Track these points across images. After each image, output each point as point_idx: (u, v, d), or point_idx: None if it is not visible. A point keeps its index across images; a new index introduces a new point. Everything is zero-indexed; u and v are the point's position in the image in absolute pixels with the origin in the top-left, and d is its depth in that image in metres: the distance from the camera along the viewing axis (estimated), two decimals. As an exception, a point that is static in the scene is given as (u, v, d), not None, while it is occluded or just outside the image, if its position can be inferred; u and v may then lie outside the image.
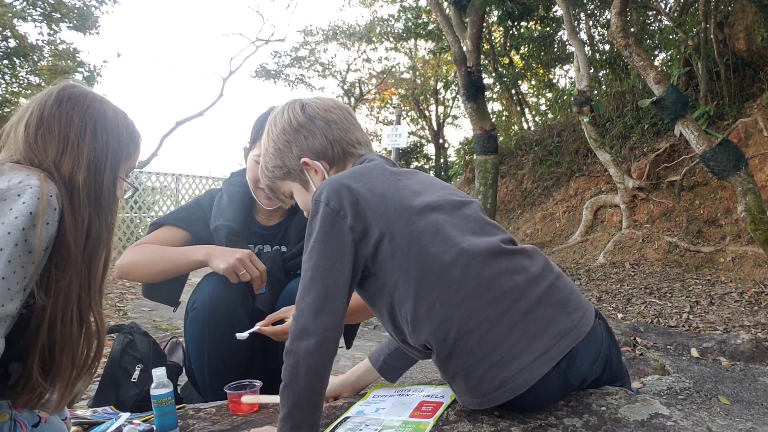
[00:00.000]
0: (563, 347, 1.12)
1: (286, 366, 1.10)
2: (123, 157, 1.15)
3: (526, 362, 1.10)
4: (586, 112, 7.76)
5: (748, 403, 2.16)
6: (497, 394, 1.12)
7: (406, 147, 10.72)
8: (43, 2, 13.23)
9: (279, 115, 1.32)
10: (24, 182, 0.97)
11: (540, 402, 1.20)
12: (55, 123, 1.07)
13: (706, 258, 6.15)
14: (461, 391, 1.19)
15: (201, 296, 1.69)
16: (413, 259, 1.12)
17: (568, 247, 7.89)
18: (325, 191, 1.15)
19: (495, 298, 1.11)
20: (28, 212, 0.95)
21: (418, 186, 1.21)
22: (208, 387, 1.71)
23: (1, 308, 0.92)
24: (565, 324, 1.14)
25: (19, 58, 13.65)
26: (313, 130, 1.28)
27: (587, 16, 10.83)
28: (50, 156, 1.05)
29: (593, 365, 1.20)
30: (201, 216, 1.88)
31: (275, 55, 18.18)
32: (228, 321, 1.64)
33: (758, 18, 6.68)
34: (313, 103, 1.32)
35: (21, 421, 1.06)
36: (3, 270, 0.93)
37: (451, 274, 1.11)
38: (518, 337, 1.10)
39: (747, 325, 3.90)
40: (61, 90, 1.11)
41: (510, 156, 10.97)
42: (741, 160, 4.67)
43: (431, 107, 19.53)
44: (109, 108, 1.14)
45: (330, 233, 1.13)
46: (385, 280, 1.16)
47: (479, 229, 1.19)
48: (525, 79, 14.04)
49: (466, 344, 1.11)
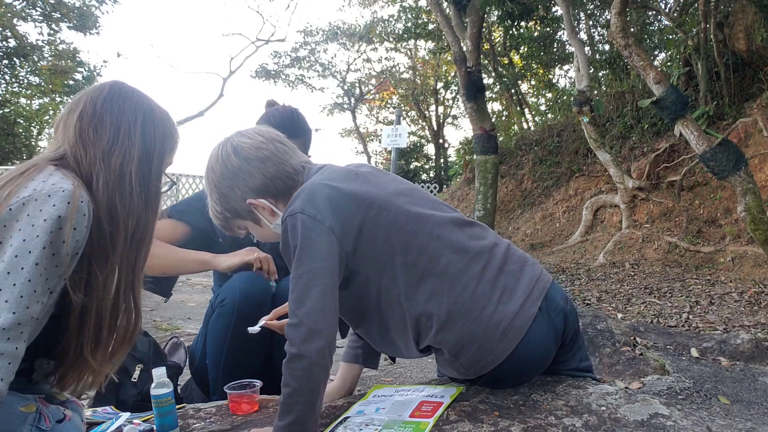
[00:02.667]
0: (540, 289, 1.28)
1: (293, 372, 1.12)
2: (167, 150, 1.19)
3: (516, 307, 1.24)
4: (586, 112, 7.76)
5: (748, 403, 2.16)
6: (503, 345, 1.21)
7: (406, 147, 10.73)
8: (43, 2, 13.22)
9: (214, 161, 1.35)
10: (57, 185, 0.98)
11: (540, 349, 1.29)
12: (107, 115, 1.10)
13: (706, 258, 6.15)
14: (469, 361, 1.25)
15: (231, 293, 1.75)
16: (395, 241, 1.22)
17: (568, 247, 7.89)
18: (296, 203, 1.21)
19: (472, 258, 1.26)
20: (56, 215, 0.96)
21: (375, 179, 1.31)
22: (219, 383, 1.74)
23: (26, 310, 0.93)
24: (533, 272, 1.31)
25: (19, 58, 13.64)
26: (251, 171, 1.31)
27: (587, 16, 10.83)
28: (101, 146, 1.08)
29: (566, 303, 1.34)
30: (200, 208, 1.93)
31: (275, 56, 18.17)
32: (254, 321, 1.67)
33: (758, 18, 6.68)
34: (244, 143, 1.34)
35: (46, 414, 1.08)
36: (30, 272, 0.93)
37: (432, 246, 1.24)
38: (501, 289, 1.25)
39: (747, 325, 3.90)
40: (112, 85, 1.15)
41: (510, 156, 10.96)
42: (741, 160, 4.67)
43: (431, 107, 19.54)
44: (155, 104, 1.19)
45: (313, 237, 1.17)
46: (369, 272, 1.23)
47: (437, 206, 1.33)
48: (525, 79, 14.05)
49: (462, 305, 1.21)
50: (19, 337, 0.92)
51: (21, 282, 0.92)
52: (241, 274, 1.78)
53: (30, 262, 0.93)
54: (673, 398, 2.13)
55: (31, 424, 1.04)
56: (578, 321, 1.43)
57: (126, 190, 1.08)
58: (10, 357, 0.91)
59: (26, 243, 0.93)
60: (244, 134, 1.36)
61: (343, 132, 22.41)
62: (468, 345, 1.22)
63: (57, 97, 15.06)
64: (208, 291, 5.12)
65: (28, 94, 15.14)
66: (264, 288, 1.76)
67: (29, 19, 13.42)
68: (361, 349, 1.55)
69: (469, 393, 1.36)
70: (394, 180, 1.37)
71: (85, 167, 1.07)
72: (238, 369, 1.72)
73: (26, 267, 0.93)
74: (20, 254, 0.93)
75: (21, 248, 0.93)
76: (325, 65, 18.58)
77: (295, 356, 1.11)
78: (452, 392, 1.36)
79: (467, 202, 10.86)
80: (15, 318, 0.91)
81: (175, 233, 1.88)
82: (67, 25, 13.85)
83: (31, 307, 0.93)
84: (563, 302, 1.33)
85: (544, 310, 1.27)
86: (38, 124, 14.77)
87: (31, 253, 0.93)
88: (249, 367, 1.74)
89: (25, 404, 1.04)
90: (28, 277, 0.93)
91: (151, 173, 1.14)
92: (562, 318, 1.32)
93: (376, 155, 21.44)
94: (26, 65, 14.23)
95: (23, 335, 0.93)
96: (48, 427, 1.07)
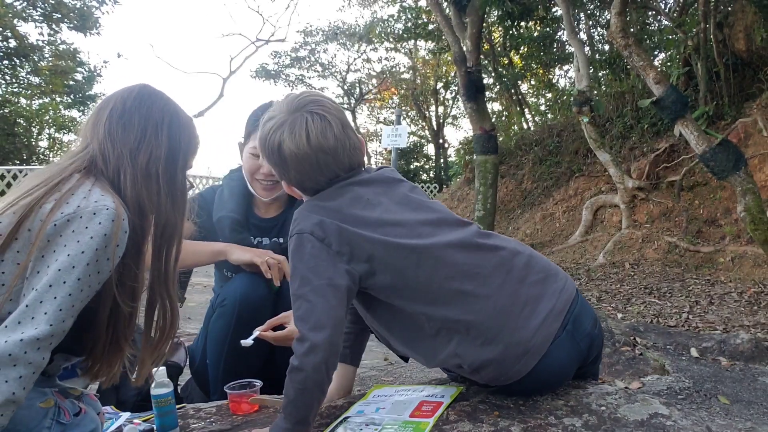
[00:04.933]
0: (564, 302, 1.25)
1: (292, 383, 1.15)
2: (191, 152, 1.21)
3: (538, 321, 1.21)
4: (585, 113, 7.76)
5: (748, 402, 2.16)
6: (525, 361, 1.20)
7: (406, 147, 10.74)
8: (44, 2, 13.23)
9: (289, 136, 1.26)
10: (100, 202, 1.01)
11: (559, 372, 1.27)
12: (136, 114, 1.13)
13: (705, 258, 6.15)
14: (489, 377, 1.25)
15: (232, 294, 1.75)
16: (402, 278, 1.22)
17: (567, 247, 7.89)
18: (306, 224, 1.22)
19: (487, 276, 1.23)
20: (103, 234, 0.98)
21: (391, 206, 1.29)
22: (219, 383, 1.74)
23: (62, 324, 0.94)
24: (557, 283, 1.27)
25: (19, 58, 13.65)
26: (285, 167, 1.29)
27: (587, 16, 10.83)
28: (128, 144, 1.11)
29: (594, 328, 1.31)
30: (204, 208, 1.95)
31: (275, 56, 18.18)
32: (254, 321, 1.68)
33: (758, 18, 6.68)
34: (285, 142, 1.26)
35: (65, 408, 1.10)
36: (72, 287, 0.95)
37: (437, 279, 1.21)
38: (524, 302, 1.22)
39: (746, 325, 3.90)
40: (142, 87, 1.18)
41: (510, 156, 10.96)
42: (740, 160, 4.67)
43: (431, 107, 19.54)
44: (180, 108, 1.22)
45: (319, 257, 1.19)
46: (384, 295, 1.25)
47: (439, 225, 1.29)
48: (525, 80, 14.05)
49: (482, 322, 1.20)
50: (48, 348, 0.94)
51: (62, 296, 0.94)
52: (243, 275, 1.78)
53: (73, 277, 0.95)
54: (672, 398, 2.13)
55: (52, 419, 1.05)
56: (603, 342, 1.41)
57: (153, 189, 1.11)
58: (36, 367, 0.92)
59: (71, 258, 0.95)
60: (293, 133, 1.26)
61: (343, 132, 22.34)
62: (488, 364, 1.22)
63: (57, 97, 15.07)
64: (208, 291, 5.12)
65: (29, 94, 15.14)
66: (265, 289, 1.76)
67: (30, 19, 13.43)
68: (348, 349, 1.56)
69: (469, 393, 1.37)
70: (392, 202, 1.31)
71: (112, 164, 1.09)
72: (239, 369, 1.72)
73: (69, 281, 0.95)
74: (64, 269, 0.95)
75: (65, 263, 0.95)
76: (325, 65, 18.61)
77: (294, 368, 1.15)
78: (452, 392, 1.37)
79: (467, 202, 10.86)
80: (51, 330, 0.93)
81: (184, 231, 1.90)
82: (67, 26, 13.87)
83: (66, 321, 0.95)
84: (591, 327, 1.30)
85: (570, 333, 1.25)
86: (38, 124, 14.76)
87: (75, 268, 0.95)
88: (249, 367, 1.74)
89: (44, 399, 1.06)
90: (69, 292, 0.95)
91: (176, 173, 1.17)
92: (588, 343, 1.30)
93: (376, 155, 21.45)
94: (26, 65, 14.23)
95: (52, 346, 0.95)
96: (68, 420, 1.09)
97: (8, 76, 14.39)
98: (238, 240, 1.85)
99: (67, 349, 1.06)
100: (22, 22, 13.20)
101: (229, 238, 1.85)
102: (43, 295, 0.94)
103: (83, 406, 1.16)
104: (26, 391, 0.91)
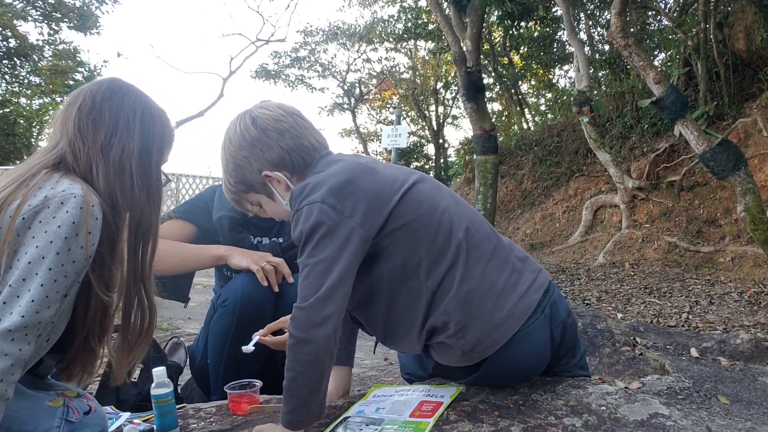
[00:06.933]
0: (542, 280, 1.32)
1: (300, 356, 1.13)
2: (165, 146, 1.20)
3: (522, 289, 1.26)
4: (585, 113, 7.76)
5: (748, 402, 2.16)
6: (507, 325, 1.22)
7: (406, 147, 10.73)
8: (44, 2, 13.22)
9: (232, 131, 1.34)
10: (67, 191, 0.99)
11: (536, 348, 1.29)
12: (106, 109, 1.11)
13: (705, 258, 6.15)
14: (474, 339, 1.23)
15: (233, 294, 1.75)
16: (418, 224, 1.23)
17: (567, 247, 7.89)
18: (315, 192, 1.19)
19: (483, 237, 1.29)
20: (71, 221, 0.97)
21: (390, 170, 1.32)
22: (219, 383, 1.74)
23: (35, 315, 0.93)
24: (534, 265, 1.36)
25: (19, 58, 13.65)
26: (268, 143, 1.30)
27: (587, 16, 10.83)
28: (99, 139, 1.09)
29: (568, 318, 1.36)
30: (204, 208, 1.96)
31: (275, 56, 18.13)
32: (255, 321, 1.68)
33: (758, 18, 6.68)
34: (263, 114, 1.32)
35: (74, 407, 1.09)
36: (43, 277, 0.94)
37: (442, 231, 1.25)
38: (511, 269, 1.29)
39: (746, 325, 3.90)
40: (111, 81, 1.16)
41: (510, 156, 10.96)
42: (740, 160, 4.67)
43: (431, 107, 19.51)
44: (152, 101, 1.20)
45: (332, 225, 1.16)
46: (394, 250, 1.23)
47: (447, 194, 1.37)
48: (525, 80, 14.05)
49: (474, 278, 1.23)
50: (23, 339, 0.93)
51: (34, 287, 0.93)
52: (243, 275, 1.78)
53: (43, 268, 0.94)
54: (672, 398, 2.13)
55: (61, 418, 1.05)
56: (577, 335, 1.45)
57: (127, 184, 1.09)
58: (12, 358, 0.91)
59: (39, 249, 0.94)
60: (264, 106, 1.35)
61: (343, 132, 22.39)
62: (475, 319, 1.22)
63: (57, 97, 15.06)
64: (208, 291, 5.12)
65: (29, 94, 15.14)
66: (266, 289, 1.76)
67: (29, 19, 13.42)
68: (344, 350, 1.55)
69: (469, 393, 1.37)
70: (401, 170, 1.37)
71: (83, 160, 1.07)
72: (239, 369, 1.72)
73: (40, 272, 0.94)
74: (34, 261, 0.94)
75: (35, 254, 0.94)
76: (325, 65, 18.56)
77: (302, 341, 1.12)
78: (452, 392, 1.37)
79: (467, 202, 10.86)
80: (22, 321, 0.92)
81: (184, 233, 1.90)
82: (67, 25, 13.85)
83: (41, 312, 0.94)
84: (565, 316, 1.36)
85: (547, 317, 1.29)
86: (38, 124, 14.77)
87: (45, 258, 0.94)
88: (250, 368, 1.74)
89: (52, 399, 1.06)
90: (41, 282, 0.94)
91: (150, 167, 1.15)
92: (561, 330, 1.34)
93: (376, 155, 21.42)
94: (26, 65, 14.23)
95: (28, 338, 0.93)
96: (77, 419, 1.08)
97: (8, 76, 14.39)
98: (238, 239, 1.85)
99: (54, 348, 1.05)
100: (22, 21, 13.19)
101: (229, 237, 1.85)
102: (17, 290, 0.93)
103: (93, 405, 1.15)
104: (4, 383, 0.90)
